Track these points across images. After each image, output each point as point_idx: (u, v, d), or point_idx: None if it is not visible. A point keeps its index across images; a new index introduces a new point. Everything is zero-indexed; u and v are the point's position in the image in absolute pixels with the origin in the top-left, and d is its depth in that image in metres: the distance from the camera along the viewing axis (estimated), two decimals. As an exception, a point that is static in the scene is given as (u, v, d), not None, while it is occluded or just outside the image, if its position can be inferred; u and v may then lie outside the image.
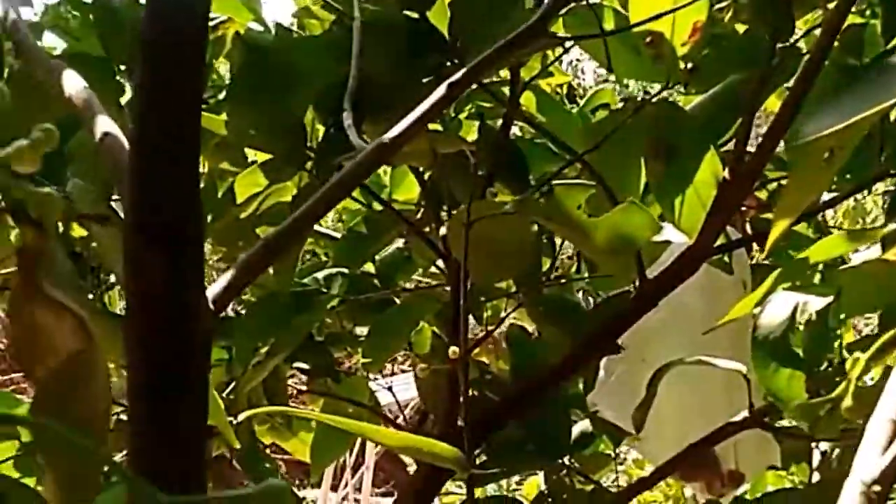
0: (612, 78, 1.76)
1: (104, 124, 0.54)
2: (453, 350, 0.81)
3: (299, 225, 0.51)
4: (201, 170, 0.97)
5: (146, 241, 0.45)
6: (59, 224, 0.92)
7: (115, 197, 0.79)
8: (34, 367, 0.29)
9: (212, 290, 0.49)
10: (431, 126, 0.90)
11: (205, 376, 0.47)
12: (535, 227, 0.93)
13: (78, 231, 0.95)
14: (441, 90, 0.59)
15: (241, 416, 0.62)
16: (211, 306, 0.48)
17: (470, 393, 1.02)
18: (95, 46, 0.93)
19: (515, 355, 1.09)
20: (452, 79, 0.59)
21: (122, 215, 0.47)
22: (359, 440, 1.69)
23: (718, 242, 0.88)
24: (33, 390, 0.29)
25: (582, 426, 1.06)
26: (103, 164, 0.52)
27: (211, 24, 1.06)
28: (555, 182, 0.79)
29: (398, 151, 0.57)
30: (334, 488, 3.31)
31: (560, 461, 1.03)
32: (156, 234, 0.45)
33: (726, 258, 0.97)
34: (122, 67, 0.93)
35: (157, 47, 0.46)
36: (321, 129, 0.99)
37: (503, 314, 1.15)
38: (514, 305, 1.14)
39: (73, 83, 0.56)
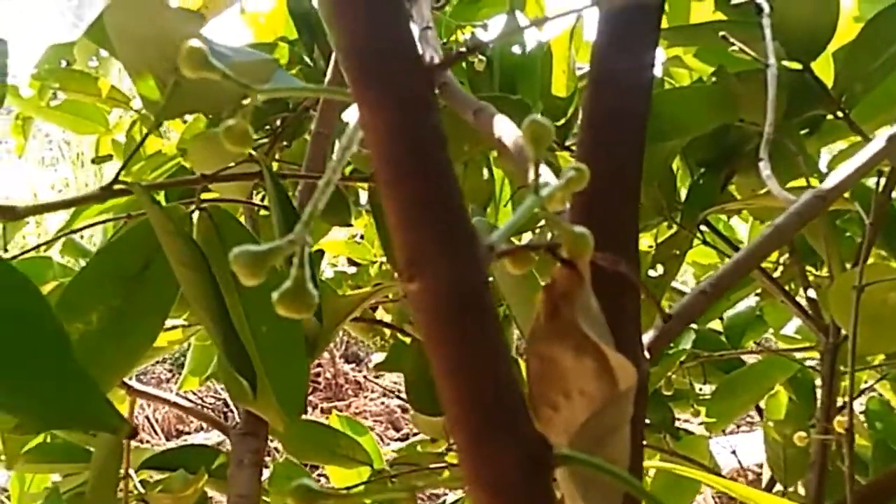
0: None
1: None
2: (839, 421, 0.75)
3: (736, 273, 0.50)
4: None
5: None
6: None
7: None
8: (543, 406, 0.29)
9: (646, 337, 0.49)
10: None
11: (642, 419, 0.47)
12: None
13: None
14: (880, 142, 0.55)
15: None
16: (646, 353, 0.48)
17: (828, 468, 0.95)
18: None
19: (878, 431, 1.01)
20: (892, 131, 0.56)
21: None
22: None
23: None
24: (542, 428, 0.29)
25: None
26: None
27: (578, 73, 1.08)
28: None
29: (830, 204, 0.54)
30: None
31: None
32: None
33: None
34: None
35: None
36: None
37: (863, 385, 1.08)
38: (877, 377, 1.06)
39: (505, 127, 0.58)
